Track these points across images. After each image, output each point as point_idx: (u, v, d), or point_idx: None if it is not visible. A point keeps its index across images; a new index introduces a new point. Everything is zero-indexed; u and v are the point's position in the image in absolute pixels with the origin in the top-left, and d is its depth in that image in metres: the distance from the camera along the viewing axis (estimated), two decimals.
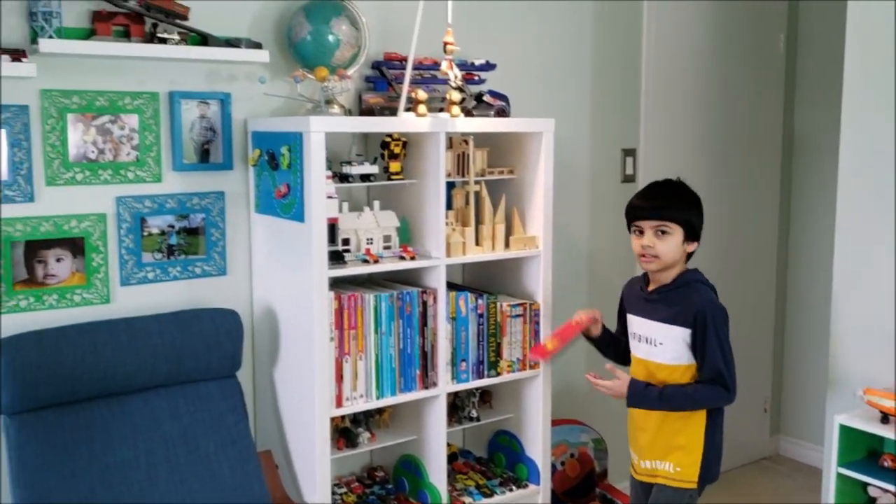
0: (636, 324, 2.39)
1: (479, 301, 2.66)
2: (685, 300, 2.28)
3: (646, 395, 2.30)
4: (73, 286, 2.31)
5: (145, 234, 2.42)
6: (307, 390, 2.36)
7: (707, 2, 3.68)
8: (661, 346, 2.31)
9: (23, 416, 2.07)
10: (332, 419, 2.51)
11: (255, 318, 2.59)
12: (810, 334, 4.08)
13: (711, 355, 2.25)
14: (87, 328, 2.16)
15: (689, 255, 2.35)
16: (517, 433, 2.88)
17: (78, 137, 2.29)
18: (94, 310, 2.34)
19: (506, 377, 2.73)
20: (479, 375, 2.68)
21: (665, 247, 2.24)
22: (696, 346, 2.26)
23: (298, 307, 2.37)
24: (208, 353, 2.29)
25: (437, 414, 2.58)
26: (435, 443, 2.60)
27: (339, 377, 2.39)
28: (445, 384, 2.59)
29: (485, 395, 2.92)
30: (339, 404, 2.39)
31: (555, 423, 2.96)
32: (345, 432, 2.57)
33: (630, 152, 3.54)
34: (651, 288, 2.36)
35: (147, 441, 2.17)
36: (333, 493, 2.65)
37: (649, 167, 3.57)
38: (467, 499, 2.66)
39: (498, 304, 2.70)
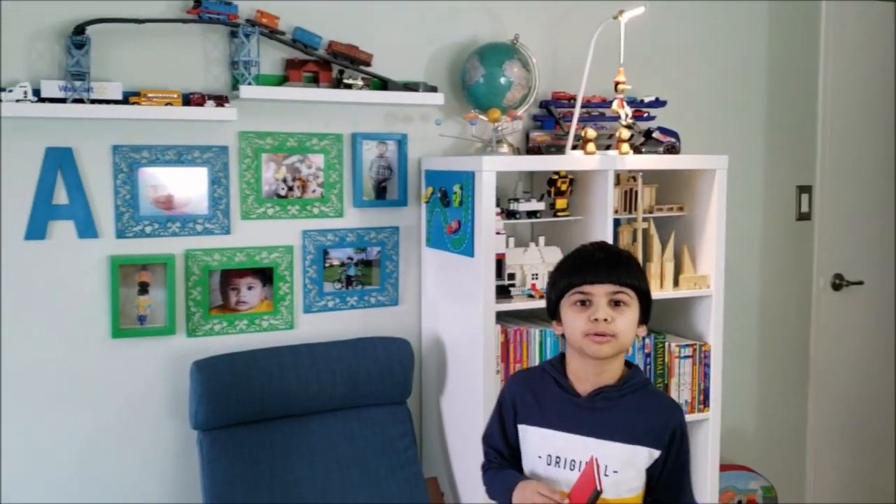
0: (560, 443, 1.61)
1: (647, 340, 2.63)
2: (650, 410, 1.64)
3: None
4: (261, 312, 2.50)
5: (327, 265, 2.57)
6: (473, 420, 2.41)
7: (888, 30, 3.49)
8: (616, 476, 1.59)
9: (215, 433, 2.24)
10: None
11: (424, 347, 2.69)
12: None
13: (687, 487, 1.68)
14: (273, 352, 2.32)
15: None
16: None
17: (270, 175, 2.48)
18: (280, 335, 2.51)
19: None
20: None
21: (625, 323, 1.57)
22: (660, 472, 1.64)
23: (466, 338, 2.44)
24: (381, 380, 2.40)
25: None
26: None
27: None
28: None
29: None
30: None
31: (722, 468, 2.86)
32: None
33: (805, 189, 3.40)
34: (586, 390, 1.63)
35: (323, 461, 2.30)
36: None
37: (827, 204, 3.41)
38: None
39: (666, 344, 2.65)
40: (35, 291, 2.26)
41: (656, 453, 1.61)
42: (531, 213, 2.56)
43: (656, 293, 2.62)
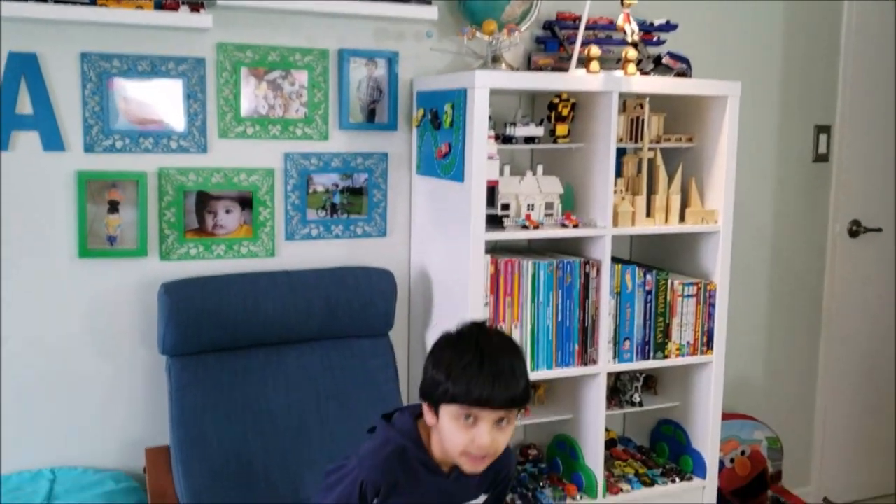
0: None
1: (648, 277, 2.48)
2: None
3: None
4: (240, 238, 2.36)
5: (311, 191, 2.43)
6: None
7: None
8: None
9: (184, 359, 2.13)
10: None
11: (413, 281, 2.55)
12: None
13: None
14: (249, 278, 2.20)
15: None
16: (683, 423, 2.68)
17: (250, 92, 2.33)
18: (260, 262, 2.38)
19: (674, 361, 2.53)
20: (644, 357, 2.50)
21: (505, 440, 1.51)
22: None
23: (454, 270, 2.30)
24: (362, 311, 2.27)
25: (596, 393, 2.43)
26: (592, 424, 2.45)
27: None
28: (606, 363, 2.43)
29: (649, 380, 2.73)
30: None
31: (725, 416, 2.72)
32: None
33: (824, 129, 3.22)
34: (448, 466, 1.59)
35: (299, 392, 2.18)
36: None
37: (846, 146, 3.23)
38: (625, 486, 2.50)
39: (669, 281, 2.51)
40: None
41: (485, 496, 1.68)
42: (529, 139, 2.40)
43: (661, 227, 2.48)
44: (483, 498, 1.67)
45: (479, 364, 1.46)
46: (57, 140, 2.15)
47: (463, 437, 1.47)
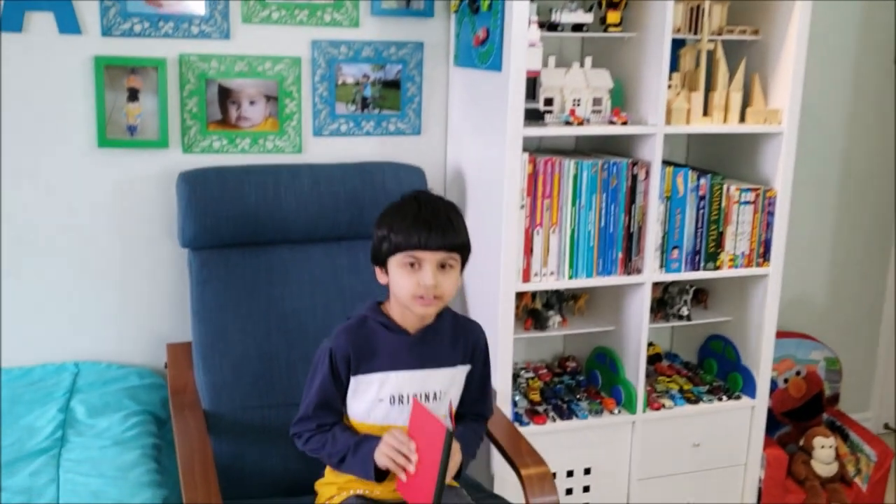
0: (396, 382, 1.65)
1: (702, 180, 2.29)
2: (462, 333, 1.72)
3: (475, 436, 1.75)
4: (265, 132, 2.25)
5: (340, 82, 2.29)
6: (492, 260, 2.16)
7: None
8: (445, 397, 1.67)
9: (205, 253, 2.04)
10: (520, 296, 2.31)
11: (448, 182, 2.41)
12: None
13: (489, 394, 1.79)
14: (270, 170, 2.09)
15: None
16: (734, 339, 2.52)
17: None
18: (286, 158, 2.26)
19: (726, 272, 2.36)
20: (694, 267, 2.34)
21: (450, 285, 1.62)
22: (469, 384, 1.73)
23: (490, 170, 2.15)
24: None
25: (640, 305, 2.29)
26: (634, 336, 2.31)
27: (529, 250, 2.16)
28: (652, 272, 2.27)
29: (699, 293, 2.57)
30: (525, 279, 2.17)
31: (781, 334, 2.56)
32: (534, 313, 2.36)
33: None
34: (414, 328, 1.67)
35: (325, 292, 2.09)
36: (519, 377, 2.46)
37: None
38: (667, 402, 2.37)
39: (724, 186, 2.31)
40: (12, 91, 2.05)
41: (467, 368, 1.72)
42: (576, 27, 2.20)
43: (718, 127, 2.28)
44: (466, 368, 1.72)
45: (416, 213, 1.59)
46: (73, 22, 2.04)
47: (410, 281, 1.58)
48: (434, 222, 1.59)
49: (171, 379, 2.05)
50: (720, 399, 2.42)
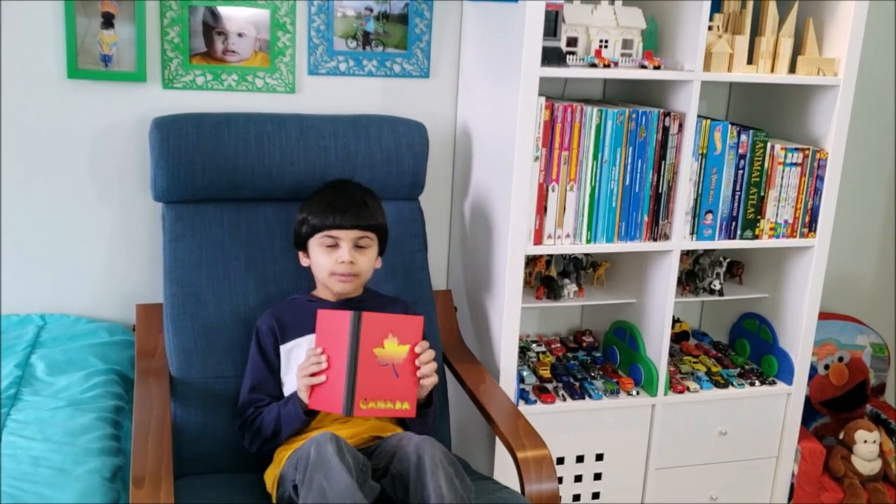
0: None
1: (743, 137, 2.03)
2: (383, 306, 1.76)
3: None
4: (255, 67, 2.02)
5: (338, 14, 2.05)
6: (501, 219, 1.92)
7: None
8: None
9: (180, 207, 1.83)
10: (533, 262, 2.08)
11: (458, 136, 2.18)
12: None
13: None
14: (253, 118, 1.86)
15: None
16: (770, 319, 2.27)
17: None
18: (279, 98, 2.05)
19: (766, 242, 2.11)
20: (730, 235, 2.09)
21: (366, 263, 1.74)
22: None
23: (502, 119, 1.91)
24: (386, 168, 1.91)
25: (666, 275, 2.04)
26: (658, 310, 2.07)
27: (542, 208, 1.93)
28: (681, 239, 2.03)
29: (734, 266, 2.31)
30: (537, 241, 1.94)
31: (823, 315, 2.31)
32: (547, 281, 2.12)
33: None
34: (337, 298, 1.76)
35: None
36: (529, 350, 2.25)
37: None
38: (692, 384, 2.13)
39: (768, 144, 2.05)
40: None
41: None
42: None
43: (764, 76, 2.01)
44: None
45: (332, 196, 1.74)
46: None
47: (328, 258, 1.71)
48: (349, 203, 1.73)
49: (138, 342, 1.86)
50: (752, 384, 2.18)
